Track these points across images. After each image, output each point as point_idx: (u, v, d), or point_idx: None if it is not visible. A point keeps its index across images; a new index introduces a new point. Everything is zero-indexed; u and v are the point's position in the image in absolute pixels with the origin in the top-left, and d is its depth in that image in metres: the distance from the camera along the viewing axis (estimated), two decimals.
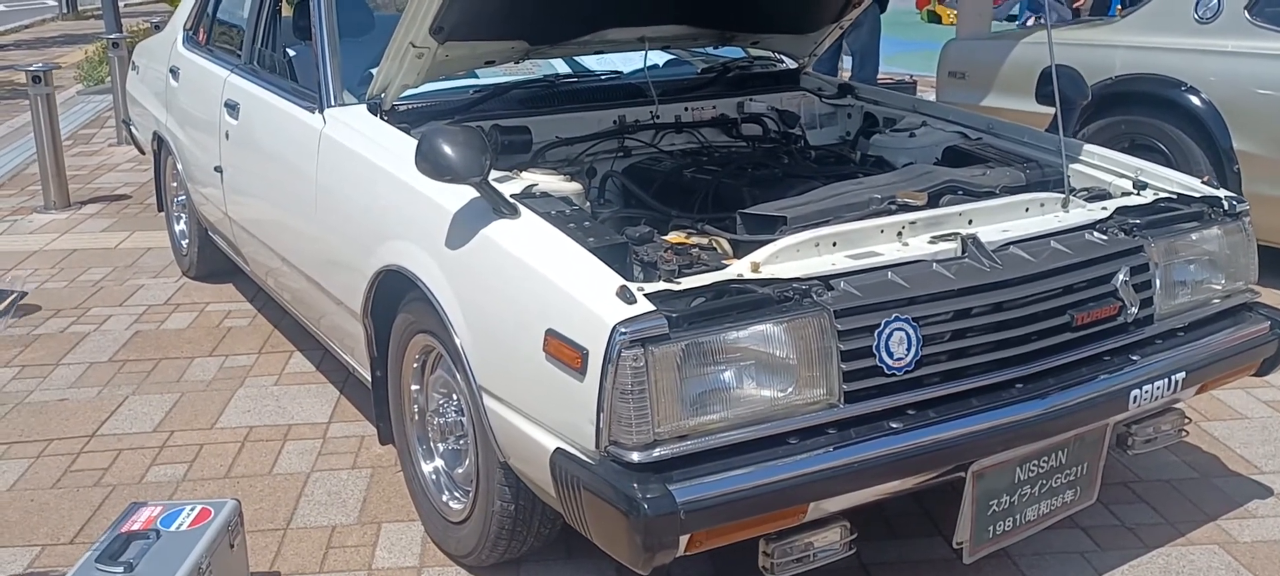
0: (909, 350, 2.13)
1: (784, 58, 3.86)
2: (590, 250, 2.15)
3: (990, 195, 2.63)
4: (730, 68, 3.66)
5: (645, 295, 2.00)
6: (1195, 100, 4.64)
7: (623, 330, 1.91)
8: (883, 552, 2.64)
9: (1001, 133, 3.21)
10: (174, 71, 4.58)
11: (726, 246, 2.44)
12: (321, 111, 3.14)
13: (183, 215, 4.97)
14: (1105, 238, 2.47)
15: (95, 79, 11.34)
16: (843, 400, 2.08)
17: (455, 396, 2.63)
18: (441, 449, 2.74)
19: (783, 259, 2.21)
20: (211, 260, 4.75)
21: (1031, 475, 2.28)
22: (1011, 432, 2.19)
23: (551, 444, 2.08)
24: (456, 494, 2.68)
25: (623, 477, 1.92)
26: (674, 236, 2.48)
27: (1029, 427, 2.21)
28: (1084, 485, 2.39)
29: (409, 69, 2.87)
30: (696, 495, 1.91)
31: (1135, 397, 2.35)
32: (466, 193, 2.40)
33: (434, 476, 2.75)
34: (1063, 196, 2.61)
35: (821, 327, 2.05)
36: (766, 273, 2.15)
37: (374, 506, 2.94)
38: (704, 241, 2.43)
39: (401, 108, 3.03)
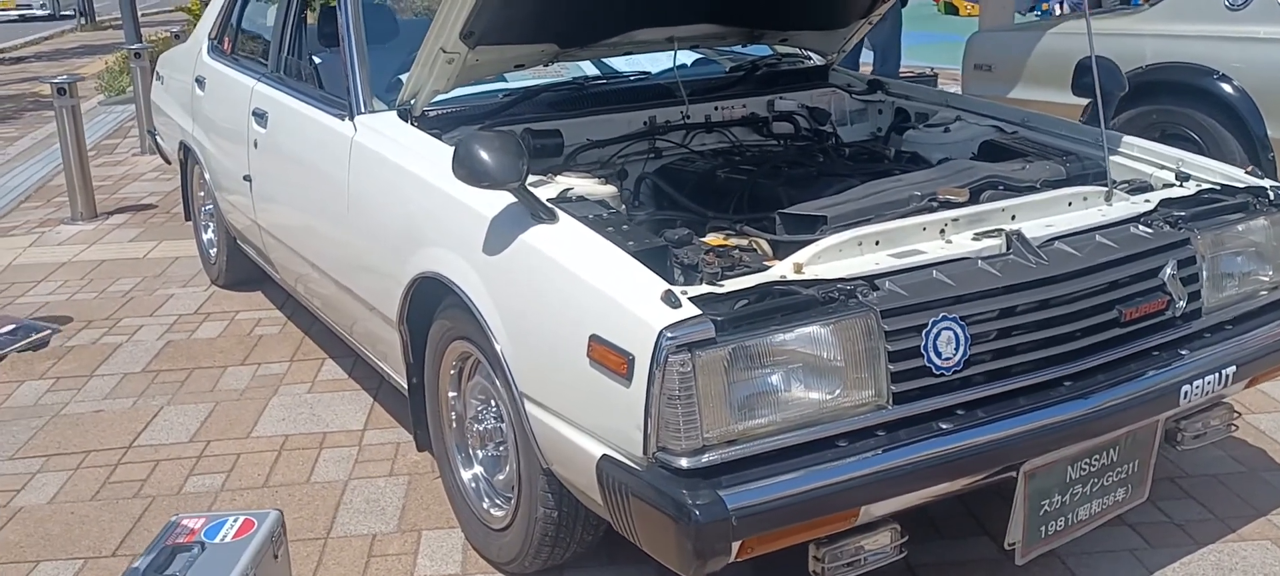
0: (957, 350, 2.10)
1: (810, 54, 3.83)
2: (631, 254, 2.13)
3: (1031, 190, 2.60)
4: (758, 66, 3.64)
5: (689, 299, 1.98)
6: (1228, 88, 4.59)
7: (669, 335, 1.89)
8: (929, 553, 2.61)
9: (1037, 126, 3.18)
10: (200, 81, 4.59)
11: (766, 247, 2.41)
12: (352, 119, 3.13)
13: (210, 224, 4.98)
14: (1151, 231, 2.43)
15: (116, 89, 11.38)
16: (891, 402, 2.05)
17: (494, 403, 2.62)
18: (480, 455, 2.73)
19: (825, 259, 2.19)
20: (240, 268, 4.75)
21: (1083, 474, 2.25)
22: (1063, 431, 2.16)
23: (597, 450, 2.06)
24: (497, 501, 2.66)
25: (672, 484, 1.90)
26: (712, 238, 2.46)
27: (1080, 426, 2.18)
28: (1135, 483, 2.36)
29: (439, 75, 2.86)
30: (748, 501, 1.89)
31: (1186, 393, 2.31)
32: (503, 198, 2.39)
33: (473, 483, 2.74)
34: (1105, 189, 2.57)
35: (868, 328, 2.03)
36: (810, 273, 2.13)
37: (413, 514, 2.93)
38: (744, 242, 2.41)
39: (431, 113, 3.02)
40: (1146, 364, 2.34)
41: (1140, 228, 2.44)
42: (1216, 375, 2.36)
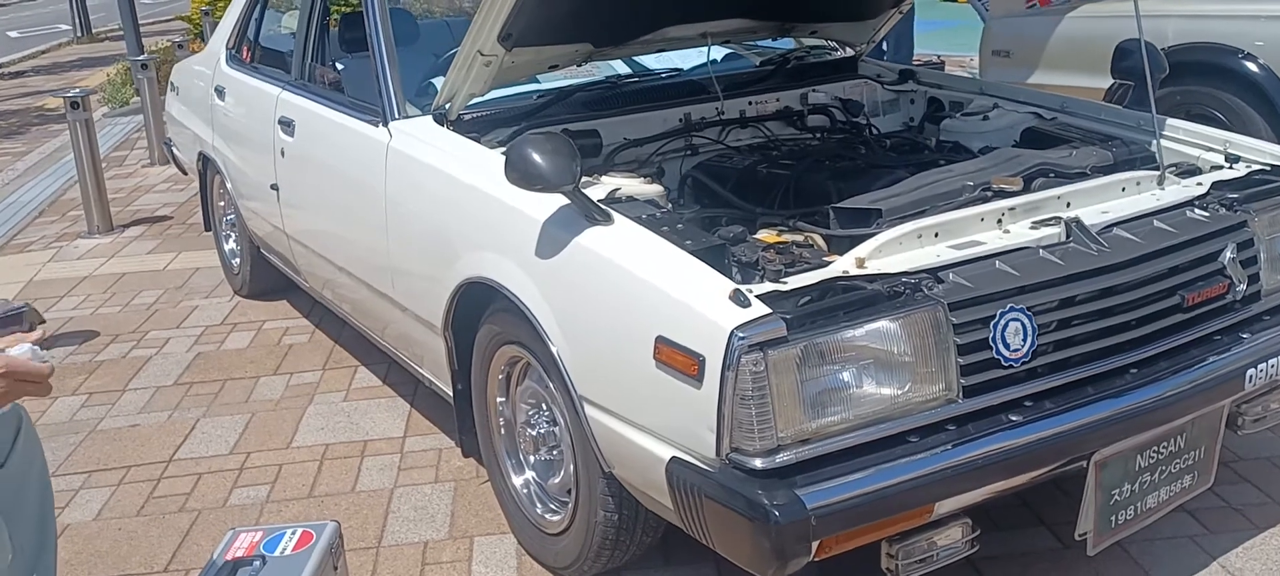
0: (1025, 341, 2.08)
1: (837, 46, 3.81)
2: (692, 254, 2.12)
3: (1082, 176, 2.58)
4: (788, 59, 3.62)
5: (755, 297, 1.96)
6: (1252, 67, 4.57)
7: (740, 335, 1.87)
8: (989, 546, 2.58)
9: (1076, 111, 3.16)
10: (219, 91, 4.56)
11: (821, 242, 2.40)
12: (386, 125, 3.11)
13: (232, 234, 4.96)
14: (1207, 214, 2.42)
15: (120, 101, 11.36)
16: (961, 395, 2.04)
17: (546, 407, 2.60)
18: (532, 460, 2.71)
19: (886, 253, 2.17)
20: (264, 278, 4.73)
21: (1151, 462, 2.23)
22: (1132, 419, 2.15)
23: (666, 453, 2.04)
24: (551, 505, 2.65)
25: (748, 485, 1.88)
26: (765, 234, 2.44)
27: (1149, 413, 2.16)
28: (1201, 469, 2.34)
29: (476, 78, 2.84)
30: (826, 500, 1.87)
31: (1250, 376, 2.30)
32: (555, 201, 2.37)
33: (525, 489, 2.72)
34: (1157, 174, 2.56)
35: (937, 321, 2.01)
36: (872, 267, 2.11)
37: (463, 520, 2.91)
38: (799, 238, 2.39)
39: (467, 117, 3.00)
40: (1209, 348, 2.32)
41: (1196, 211, 2.42)
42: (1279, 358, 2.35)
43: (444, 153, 2.84)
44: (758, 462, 1.90)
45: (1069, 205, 2.40)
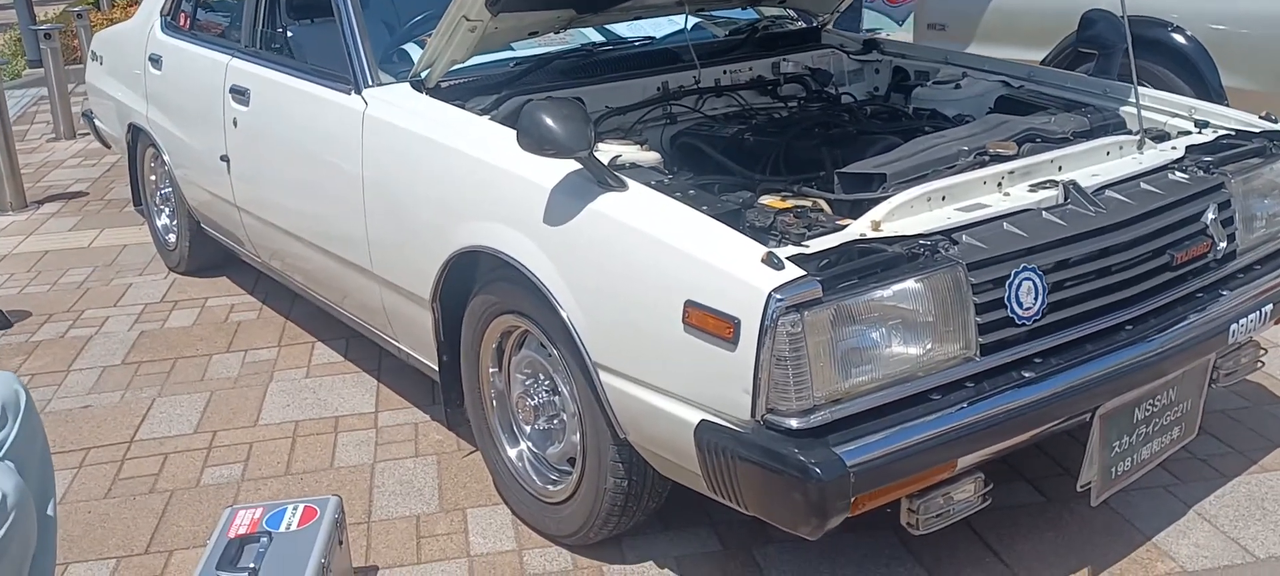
0: (1036, 299, 2.15)
1: (796, 17, 3.85)
2: (713, 218, 2.12)
3: (1066, 141, 2.66)
4: (757, 29, 3.64)
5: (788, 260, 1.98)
6: (1180, 39, 4.74)
7: (778, 297, 1.89)
8: None
9: (1043, 79, 3.25)
10: (154, 59, 4.40)
11: (826, 207, 2.42)
12: (359, 92, 3.04)
13: (166, 209, 4.80)
14: (1187, 177, 2.51)
15: (11, 73, 10.86)
16: (979, 353, 2.09)
17: (545, 376, 2.59)
18: (528, 431, 2.69)
19: (898, 216, 2.21)
20: (204, 254, 4.60)
21: (1147, 414, 2.32)
22: (1133, 373, 2.23)
23: (694, 416, 2.05)
24: (551, 476, 2.64)
25: (785, 444, 1.90)
26: (769, 200, 2.46)
27: (1150, 366, 2.25)
28: (1188, 421, 2.44)
29: (460, 44, 2.80)
30: (863, 456, 1.90)
31: (1233, 331, 2.40)
32: (563, 167, 2.35)
33: (520, 460, 2.70)
34: (1137, 138, 2.65)
35: (957, 281, 2.06)
36: (888, 230, 2.15)
37: (452, 493, 2.88)
38: (806, 203, 2.41)
39: (444, 84, 2.96)
40: (1192, 305, 2.42)
41: (1177, 174, 2.52)
42: (1258, 312, 2.46)
43: (430, 120, 2.79)
44: (793, 422, 1.92)
45: (1061, 168, 2.47)
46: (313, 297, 3.64)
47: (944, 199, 2.28)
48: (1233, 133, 2.78)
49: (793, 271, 1.93)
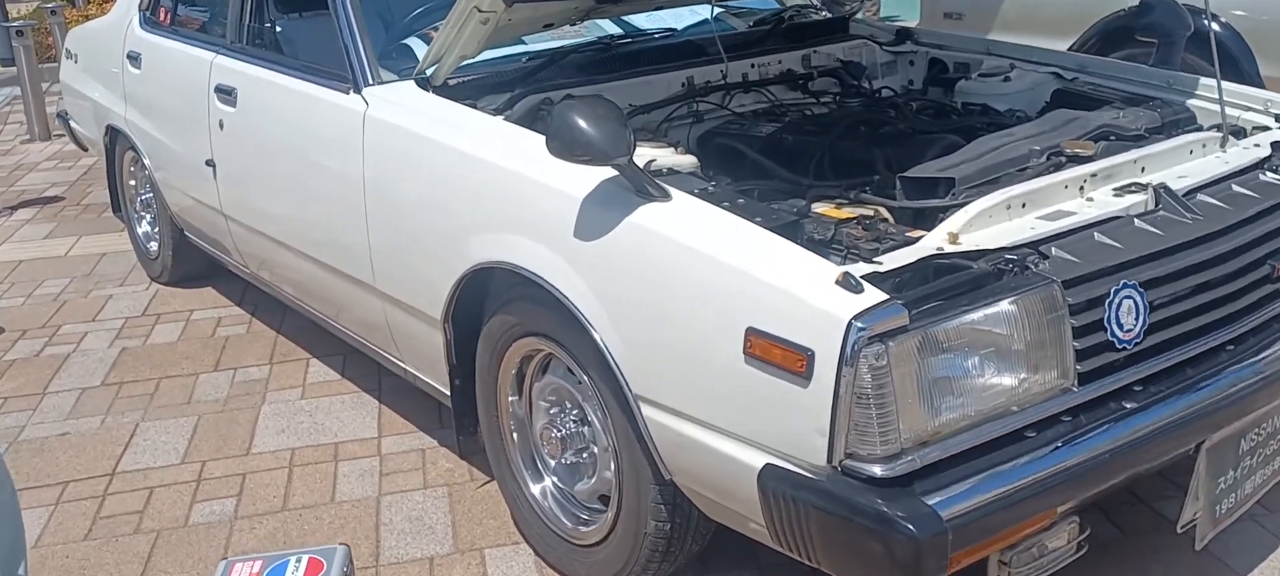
0: (1137, 320, 1.91)
1: (821, 6, 3.61)
2: (773, 232, 1.88)
3: (1139, 139, 2.42)
4: (783, 19, 3.39)
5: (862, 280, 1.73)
6: (1216, 27, 4.51)
7: (859, 325, 1.64)
8: None
9: (1097, 71, 3.01)
10: (133, 57, 4.11)
11: (887, 215, 2.18)
12: (359, 91, 2.78)
13: (147, 215, 4.52)
14: (1279, 177, 2.28)
15: None
16: (1077, 382, 1.85)
17: (572, 405, 2.34)
18: (553, 465, 2.44)
19: (976, 226, 1.96)
20: (188, 263, 4.33)
21: (1253, 445, 2.09)
22: (1241, 399, 1.99)
23: (757, 460, 1.80)
24: (582, 515, 2.39)
25: (869, 495, 1.66)
26: (825, 208, 2.21)
27: (1256, 391, 2.02)
28: None
29: (471, 38, 2.55)
30: (958, 508, 1.66)
31: None
32: (594, 175, 2.09)
33: (546, 498, 2.45)
34: (1220, 136, 2.41)
35: (1053, 301, 1.81)
36: (967, 243, 1.91)
37: (467, 531, 2.62)
38: (867, 212, 2.16)
39: (452, 81, 2.70)
40: None
41: (1269, 174, 2.29)
42: None
43: (441, 122, 2.53)
44: (877, 470, 1.67)
45: (1144, 170, 2.23)
46: (305, 311, 3.38)
47: (1024, 206, 2.04)
48: None
49: (874, 294, 1.68)
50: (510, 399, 2.49)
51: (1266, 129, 2.58)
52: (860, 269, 1.79)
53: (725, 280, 1.83)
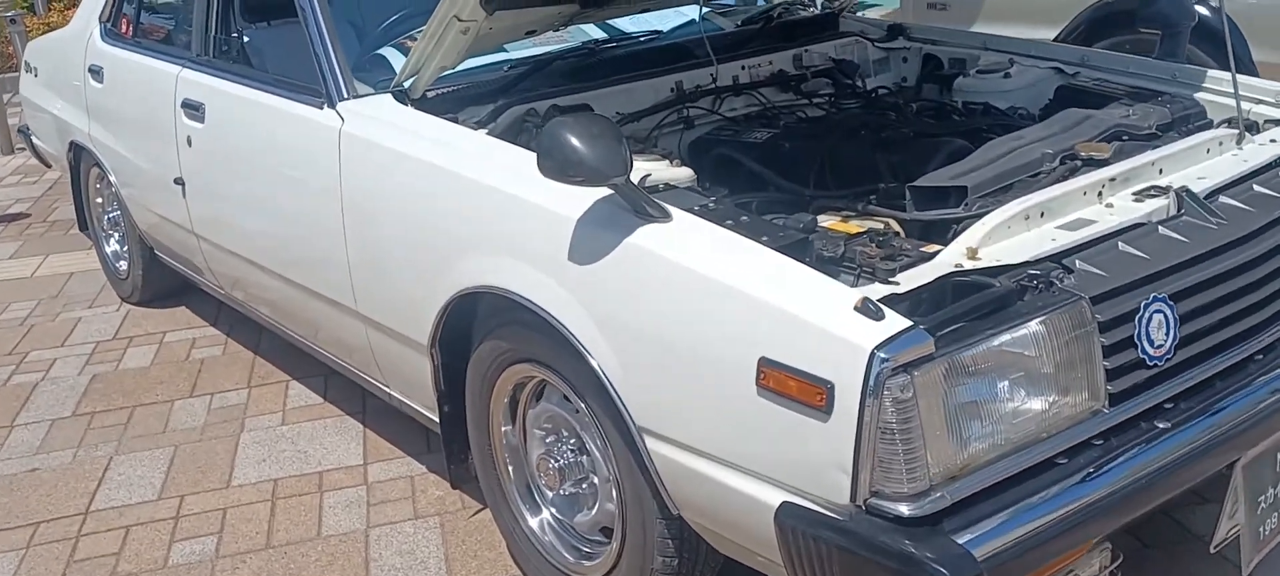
0: (1168, 334, 1.81)
1: (810, 2, 3.50)
2: (783, 253, 1.77)
3: (1153, 138, 2.33)
4: (771, 17, 3.28)
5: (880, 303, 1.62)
6: (1205, 11, 4.43)
7: (883, 355, 1.53)
8: None
9: (1099, 64, 2.91)
10: (95, 71, 3.96)
11: (897, 227, 2.07)
12: (333, 106, 2.65)
13: (115, 233, 4.37)
14: None
15: None
16: (1108, 403, 1.75)
17: (570, 434, 2.23)
18: (551, 497, 2.33)
19: (994, 238, 1.86)
20: (159, 282, 4.19)
21: None
22: (1276, 412, 1.90)
23: (773, 498, 1.69)
24: (583, 548, 2.28)
25: (898, 537, 1.55)
26: (829, 221, 2.10)
27: None
28: None
29: (451, 48, 2.42)
30: (991, 546, 1.56)
31: None
32: (590, 194, 1.98)
33: (545, 532, 2.34)
34: (1235, 132, 2.32)
35: (1081, 319, 1.71)
36: (987, 258, 1.80)
37: (461, 565, 2.51)
38: (876, 225, 2.06)
39: (431, 94, 2.58)
40: None
41: None
42: None
43: (421, 138, 2.41)
44: (904, 508, 1.57)
45: (1161, 171, 2.13)
46: (282, 332, 3.25)
47: (1042, 215, 1.94)
48: None
49: (896, 321, 1.58)
50: (504, 428, 2.38)
51: (1279, 122, 2.49)
52: (877, 291, 1.68)
53: (734, 307, 1.72)
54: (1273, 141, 2.33)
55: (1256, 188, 2.12)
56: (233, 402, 3.41)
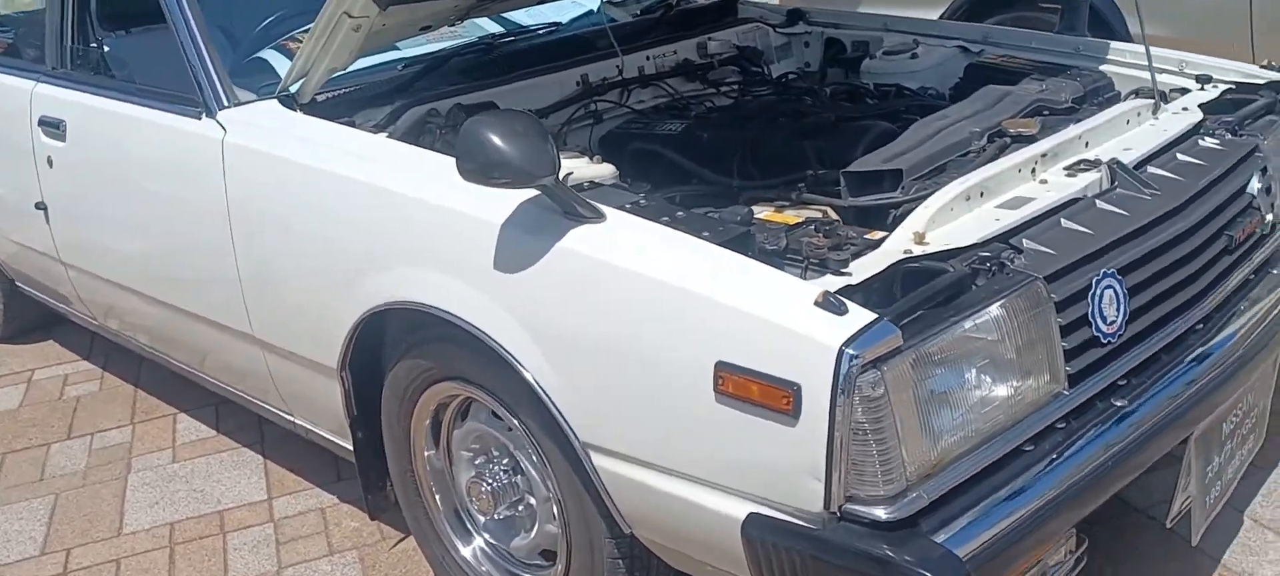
0: (1118, 310, 1.78)
1: None
2: (727, 249, 1.67)
3: (1073, 112, 2.31)
4: (669, 6, 3.19)
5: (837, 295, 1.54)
6: None
7: (851, 352, 1.45)
8: None
9: (1003, 40, 2.90)
10: None
11: (833, 215, 2.00)
12: (212, 116, 2.45)
13: None
14: (1219, 142, 2.20)
15: None
16: (1068, 385, 1.70)
17: (499, 453, 2.10)
18: (483, 522, 2.20)
19: (939, 221, 1.80)
20: (22, 315, 3.88)
21: (1233, 427, 1.99)
22: (1224, 383, 1.89)
23: (739, 510, 1.60)
24: (522, 574, 2.14)
25: (877, 543, 1.47)
26: (764, 212, 2.02)
27: (1236, 372, 1.92)
28: (1259, 426, 2.13)
29: (341, 47, 2.26)
30: (972, 544, 1.49)
31: None
32: (513, 197, 1.85)
33: (480, 560, 2.20)
34: (1151, 103, 2.32)
35: (1038, 299, 1.66)
36: (934, 243, 1.74)
37: None
38: (814, 214, 1.98)
39: (320, 98, 2.41)
40: (1251, 290, 2.11)
41: (1207, 140, 2.20)
42: None
43: (316, 145, 2.24)
44: (881, 512, 1.49)
45: (1088, 144, 2.11)
46: (165, 361, 3.03)
47: (982, 195, 1.89)
48: (1233, 86, 2.48)
49: (860, 315, 1.50)
50: (427, 452, 2.23)
51: (1186, 91, 2.50)
52: (831, 283, 1.60)
53: (684, 309, 1.61)
54: (1185, 109, 2.33)
55: (1180, 156, 2.12)
56: (115, 441, 3.16)
